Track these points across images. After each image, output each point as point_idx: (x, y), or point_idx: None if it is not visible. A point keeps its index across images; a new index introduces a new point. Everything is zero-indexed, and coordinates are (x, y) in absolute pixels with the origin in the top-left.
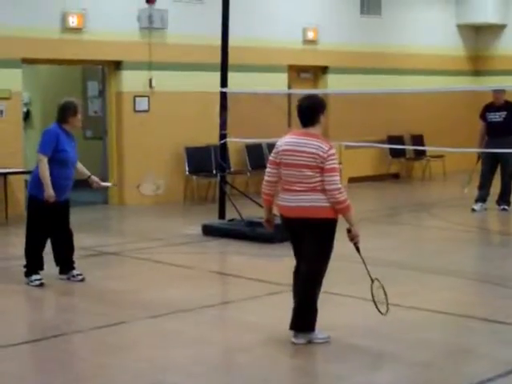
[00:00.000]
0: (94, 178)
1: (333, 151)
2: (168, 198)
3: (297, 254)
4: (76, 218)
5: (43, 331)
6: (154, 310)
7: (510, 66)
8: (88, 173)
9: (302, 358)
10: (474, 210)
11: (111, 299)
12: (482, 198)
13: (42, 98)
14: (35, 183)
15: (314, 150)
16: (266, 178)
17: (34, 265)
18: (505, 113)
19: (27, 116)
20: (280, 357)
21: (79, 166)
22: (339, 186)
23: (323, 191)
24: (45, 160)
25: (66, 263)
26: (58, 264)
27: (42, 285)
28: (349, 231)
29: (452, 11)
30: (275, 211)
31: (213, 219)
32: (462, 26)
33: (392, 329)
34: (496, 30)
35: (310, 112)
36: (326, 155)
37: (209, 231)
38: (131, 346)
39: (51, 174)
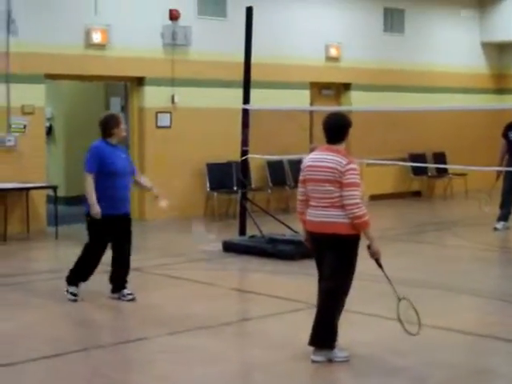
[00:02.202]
0: (155, 192)
1: (352, 166)
2: (189, 213)
3: (319, 270)
4: None
5: (64, 346)
6: (174, 327)
7: None
8: (149, 185)
9: (321, 376)
10: (496, 228)
11: (132, 315)
12: (503, 217)
13: (65, 113)
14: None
15: (333, 165)
16: (297, 197)
17: (78, 275)
18: None
19: (50, 131)
20: (299, 375)
21: (141, 179)
22: (358, 200)
23: (343, 207)
24: (89, 178)
25: (119, 282)
26: (111, 282)
27: (75, 301)
28: (369, 247)
29: (476, 29)
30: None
31: (233, 236)
32: (486, 44)
33: (413, 348)
34: None
35: (336, 129)
36: (343, 169)
37: (229, 248)
38: (151, 362)
39: (101, 187)
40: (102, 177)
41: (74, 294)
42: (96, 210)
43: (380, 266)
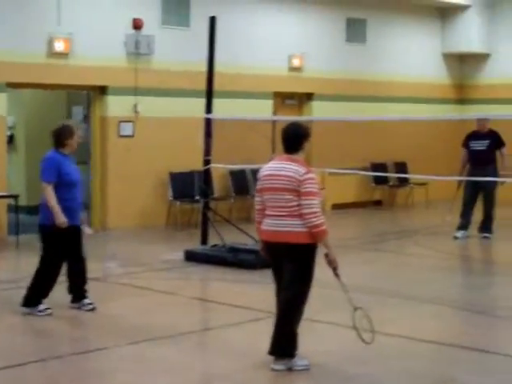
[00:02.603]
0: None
1: (310, 175)
2: (151, 223)
3: (276, 279)
4: None
5: (21, 357)
6: (134, 336)
7: (493, 95)
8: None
9: None
10: (456, 237)
11: (91, 324)
12: (463, 226)
13: (27, 122)
14: (45, 212)
15: (291, 174)
16: (255, 207)
17: (40, 293)
18: (488, 141)
19: (11, 140)
20: (259, 383)
21: None
22: (316, 210)
23: (300, 216)
24: (49, 188)
25: (78, 292)
26: (70, 292)
27: (51, 314)
28: (326, 256)
29: (437, 40)
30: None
31: (196, 245)
32: (447, 55)
33: (374, 356)
34: (480, 58)
35: (294, 139)
36: (302, 178)
37: (191, 257)
38: (112, 372)
39: (60, 198)
40: (58, 188)
41: (47, 308)
42: (62, 219)
43: (337, 275)
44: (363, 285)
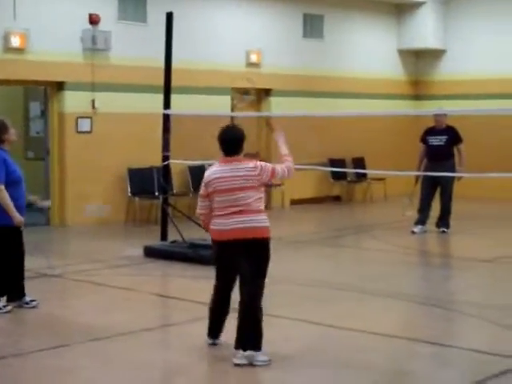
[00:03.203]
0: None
1: (258, 163)
2: (110, 219)
3: (228, 278)
4: None
5: None
6: (94, 333)
7: (449, 91)
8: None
9: (242, 379)
10: (413, 232)
11: (51, 322)
12: (421, 221)
13: None
14: None
15: (243, 173)
16: (198, 211)
17: (1, 292)
18: (446, 137)
19: None
20: (220, 378)
21: None
22: (280, 171)
23: (260, 212)
24: (2, 188)
25: (17, 289)
26: (6, 291)
27: (11, 311)
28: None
29: (393, 36)
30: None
31: (155, 241)
32: (403, 51)
33: (333, 351)
34: (436, 54)
35: (236, 142)
36: (256, 173)
37: (150, 253)
38: (72, 369)
39: (10, 197)
40: (7, 186)
41: (5, 306)
42: (19, 218)
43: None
44: (322, 279)
